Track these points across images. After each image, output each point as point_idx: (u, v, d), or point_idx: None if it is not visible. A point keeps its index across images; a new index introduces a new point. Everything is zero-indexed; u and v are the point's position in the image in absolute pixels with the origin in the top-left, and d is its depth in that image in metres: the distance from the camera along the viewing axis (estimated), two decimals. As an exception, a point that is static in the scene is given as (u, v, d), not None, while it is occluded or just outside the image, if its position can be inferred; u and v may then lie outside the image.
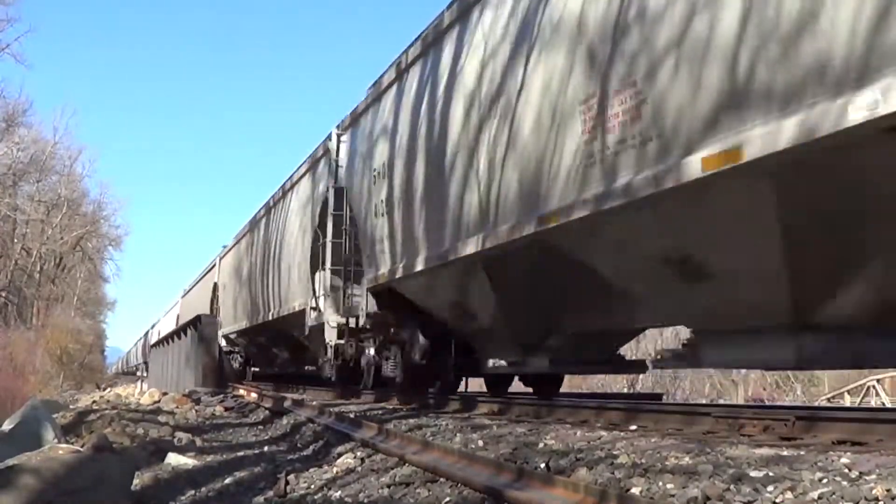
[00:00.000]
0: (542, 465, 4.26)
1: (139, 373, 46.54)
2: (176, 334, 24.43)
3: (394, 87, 9.79)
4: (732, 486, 3.18)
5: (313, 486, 5.27)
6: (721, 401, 22.23)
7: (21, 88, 79.87)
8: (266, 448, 7.97)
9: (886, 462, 3.36)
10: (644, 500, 3.16)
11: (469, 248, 7.44)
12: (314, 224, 13.19)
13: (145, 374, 36.50)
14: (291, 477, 5.60)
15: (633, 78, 5.06)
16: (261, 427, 10.31)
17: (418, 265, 8.67)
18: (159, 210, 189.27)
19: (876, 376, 23.08)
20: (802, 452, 3.87)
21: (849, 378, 22.41)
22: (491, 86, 7.05)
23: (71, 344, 42.45)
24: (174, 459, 6.67)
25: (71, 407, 16.23)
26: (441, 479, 4.49)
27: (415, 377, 10.25)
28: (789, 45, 4.03)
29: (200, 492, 5.67)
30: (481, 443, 5.43)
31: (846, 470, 3.25)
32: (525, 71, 6.46)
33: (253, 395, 14.40)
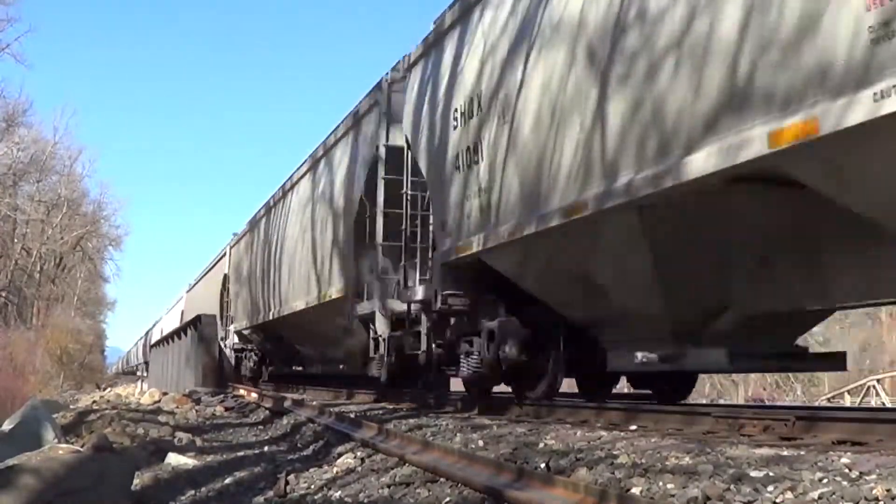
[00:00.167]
0: (543, 465, 4.26)
1: (139, 373, 46.58)
2: (176, 334, 24.48)
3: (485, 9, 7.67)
4: (732, 486, 3.18)
5: (313, 486, 5.27)
6: (721, 401, 22.25)
7: (21, 88, 79.87)
8: (266, 448, 7.97)
9: (886, 462, 3.36)
10: (644, 500, 3.16)
11: (623, 194, 5.42)
12: (357, 194, 11.07)
13: (145, 374, 36.56)
14: (291, 477, 5.60)
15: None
16: (261, 427, 10.32)
17: (527, 227, 6.63)
18: (159, 210, 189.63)
19: (876, 376, 23.11)
20: (802, 452, 3.87)
21: (849, 378, 22.43)
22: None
23: (71, 344, 42.45)
24: (174, 459, 6.68)
25: (71, 407, 16.25)
26: (441, 479, 4.50)
27: (510, 378, 8.22)
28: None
29: (200, 492, 5.68)
30: (481, 443, 5.43)
31: (846, 470, 3.25)
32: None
33: (253, 395, 14.40)
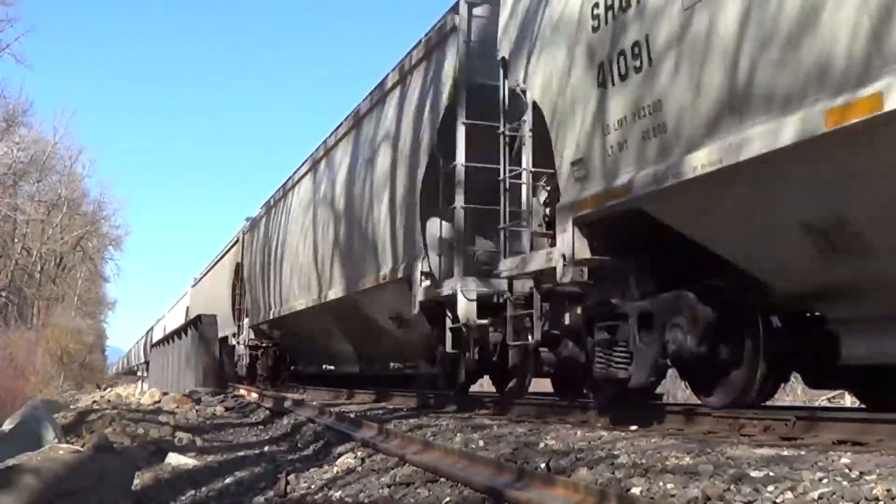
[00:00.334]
0: (543, 465, 4.26)
1: (140, 373, 46.56)
2: (176, 334, 24.49)
3: None
4: (733, 486, 3.18)
5: (313, 486, 5.27)
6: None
7: (21, 88, 79.76)
8: (266, 448, 7.97)
9: (886, 462, 3.37)
10: (644, 500, 3.16)
11: None
12: (425, 147, 8.93)
13: (146, 374, 36.54)
14: (292, 477, 5.60)
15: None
16: (261, 427, 10.32)
17: (742, 150, 4.43)
18: (159, 210, 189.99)
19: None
20: (803, 452, 3.87)
21: (849, 378, 22.36)
22: None
23: (71, 344, 42.39)
24: (174, 459, 6.67)
25: (71, 407, 16.24)
26: (441, 479, 4.49)
27: (687, 376, 6.09)
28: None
29: (201, 492, 5.67)
30: (482, 443, 5.43)
31: (846, 470, 3.26)
32: None
33: (253, 395, 14.41)
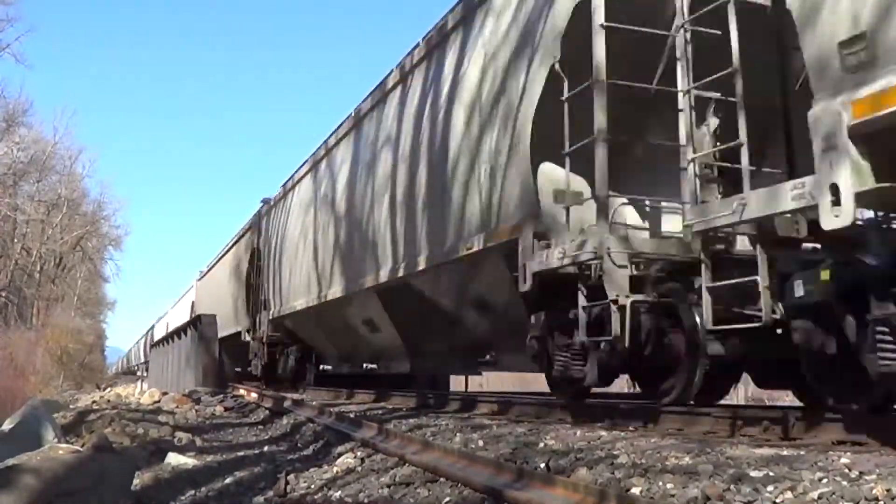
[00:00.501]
0: (542, 465, 4.26)
1: (139, 372, 46.53)
2: (176, 334, 24.49)
3: None
4: (732, 486, 3.18)
5: (313, 486, 5.27)
6: (721, 401, 22.19)
7: (21, 88, 79.67)
8: (266, 448, 7.97)
9: (886, 462, 3.37)
10: (644, 500, 3.16)
11: None
12: (545, 62, 6.51)
13: (145, 374, 36.53)
14: (291, 477, 5.60)
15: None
16: (261, 427, 10.31)
17: None
18: (159, 210, 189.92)
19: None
20: (802, 452, 3.87)
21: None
22: None
23: (71, 344, 42.36)
24: (174, 459, 6.67)
25: (71, 407, 16.23)
26: (441, 479, 4.49)
27: None
28: None
29: (200, 491, 5.67)
30: (481, 443, 5.43)
31: (846, 470, 3.26)
32: None
33: (253, 395, 14.41)
